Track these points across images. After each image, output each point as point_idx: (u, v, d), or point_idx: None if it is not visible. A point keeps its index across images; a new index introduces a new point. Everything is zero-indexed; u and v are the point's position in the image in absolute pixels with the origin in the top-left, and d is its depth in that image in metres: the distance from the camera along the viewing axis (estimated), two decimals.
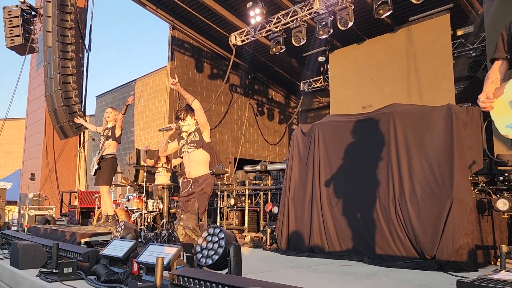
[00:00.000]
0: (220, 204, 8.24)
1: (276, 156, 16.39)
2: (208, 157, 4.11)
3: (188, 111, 4.10)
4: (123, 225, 4.57)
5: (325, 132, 5.60)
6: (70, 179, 11.52)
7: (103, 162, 6.12)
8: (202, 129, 4.05)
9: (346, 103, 11.29)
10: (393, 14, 9.25)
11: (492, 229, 4.50)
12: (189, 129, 4.10)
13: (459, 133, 4.45)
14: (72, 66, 9.45)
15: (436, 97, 9.23)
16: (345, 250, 5.00)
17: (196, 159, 4.03)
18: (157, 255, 2.85)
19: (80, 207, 8.83)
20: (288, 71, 15.40)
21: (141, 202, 7.39)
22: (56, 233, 5.94)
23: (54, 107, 9.33)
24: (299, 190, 5.71)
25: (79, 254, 3.84)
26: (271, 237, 6.28)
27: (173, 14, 13.11)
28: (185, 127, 4.11)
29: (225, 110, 14.81)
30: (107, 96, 17.48)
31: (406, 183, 4.58)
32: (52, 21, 9.34)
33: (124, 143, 15.67)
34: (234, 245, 2.77)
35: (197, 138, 4.03)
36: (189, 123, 4.09)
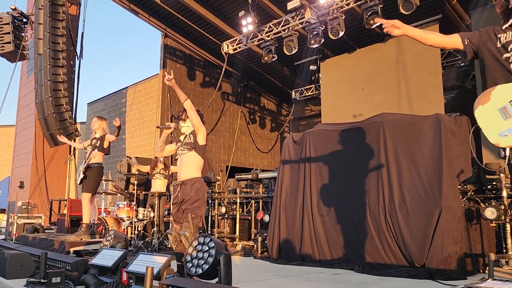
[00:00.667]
0: (211, 212, 8.22)
1: (268, 164, 16.41)
2: (200, 160, 3.95)
3: None
4: (112, 234, 4.54)
5: (316, 140, 5.64)
6: (59, 187, 11.41)
7: (89, 171, 6.09)
8: (196, 131, 3.92)
9: (337, 112, 11.37)
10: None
11: (481, 237, 4.54)
12: (188, 131, 4.01)
13: (448, 142, 4.50)
14: (63, 73, 9.40)
15: (425, 106, 9.33)
16: (336, 258, 5.01)
17: (187, 162, 3.91)
18: (146, 264, 2.84)
19: (70, 216, 8.74)
20: (280, 80, 15.48)
21: (131, 211, 7.35)
22: (44, 242, 5.88)
23: (44, 114, 9.27)
24: (290, 198, 5.72)
25: (68, 264, 3.80)
26: (262, 246, 6.28)
27: (165, 22, 13.15)
28: (184, 128, 4.02)
29: (217, 118, 14.83)
30: (99, 103, 17.40)
31: (396, 192, 4.62)
32: (43, 28, 9.30)
33: (115, 151, 15.59)
34: (224, 254, 2.77)
35: (191, 140, 3.92)
36: (189, 125, 3.99)
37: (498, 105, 2.50)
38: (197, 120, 3.88)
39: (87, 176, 6.08)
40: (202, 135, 3.93)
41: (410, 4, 7.87)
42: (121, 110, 15.85)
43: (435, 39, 2.77)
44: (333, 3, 9.01)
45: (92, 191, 6.06)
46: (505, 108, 2.47)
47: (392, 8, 8.92)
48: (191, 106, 3.85)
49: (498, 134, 2.46)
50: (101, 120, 6.42)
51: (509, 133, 2.43)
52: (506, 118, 2.46)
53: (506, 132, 2.44)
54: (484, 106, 2.54)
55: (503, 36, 2.64)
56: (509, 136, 2.42)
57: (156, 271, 2.86)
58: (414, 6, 7.86)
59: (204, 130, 3.95)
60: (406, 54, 10.26)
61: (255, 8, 10.24)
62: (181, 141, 4.03)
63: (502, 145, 2.47)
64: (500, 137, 2.45)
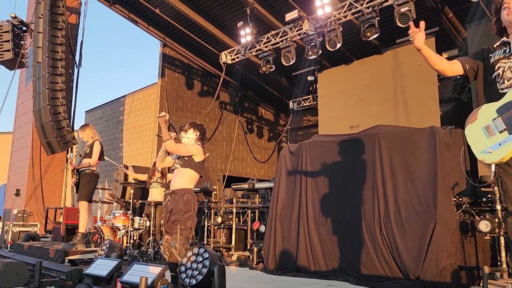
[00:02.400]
0: (207, 222, 8.20)
1: (265, 173, 16.41)
2: (195, 175, 4.00)
3: (193, 125, 4.11)
4: (108, 243, 4.53)
5: (312, 152, 5.67)
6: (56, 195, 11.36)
7: (81, 177, 6.06)
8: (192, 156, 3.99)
9: (334, 123, 11.42)
10: (380, 37, 9.47)
11: (475, 250, 4.55)
12: (187, 142, 4.05)
13: (443, 155, 4.53)
14: (61, 81, 9.43)
15: (422, 118, 9.39)
16: (331, 269, 5.01)
17: (182, 173, 3.96)
18: (141, 274, 2.84)
19: (66, 224, 8.71)
20: (278, 90, 15.56)
21: (127, 220, 7.33)
22: (39, 250, 5.86)
23: (41, 122, 9.28)
24: (286, 209, 5.73)
25: (62, 273, 3.80)
26: (258, 256, 6.27)
27: (164, 32, 13.24)
28: (185, 139, 4.06)
29: (215, 127, 14.86)
30: (97, 111, 17.43)
31: (391, 204, 4.64)
32: (42, 37, 9.35)
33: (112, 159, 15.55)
34: (218, 265, 2.78)
35: (186, 158, 3.97)
36: (189, 136, 4.05)
37: (483, 124, 2.63)
38: (186, 151, 3.94)
39: (80, 183, 6.06)
40: (199, 156, 3.98)
41: (407, 17, 7.96)
42: (119, 118, 15.87)
43: (442, 65, 2.85)
44: (331, 15, 9.11)
45: (87, 198, 6.02)
46: (488, 127, 2.60)
47: (389, 21, 9.03)
48: (173, 146, 3.86)
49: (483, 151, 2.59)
50: (83, 130, 6.35)
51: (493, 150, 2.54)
52: (489, 136, 2.58)
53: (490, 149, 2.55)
54: (472, 124, 2.68)
55: (493, 55, 2.72)
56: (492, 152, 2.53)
57: (150, 281, 2.86)
58: (410, 19, 7.94)
59: (198, 151, 3.99)
60: (402, 66, 10.35)
61: (254, 18, 10.34)
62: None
63: (486, 161, 2.59)
64: (485, 154, 2.56)
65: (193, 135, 4.06)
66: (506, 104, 2.54)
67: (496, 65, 2.67)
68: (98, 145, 6.19)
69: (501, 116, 2.55)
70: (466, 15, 9.48)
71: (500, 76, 2.64)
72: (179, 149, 3.92)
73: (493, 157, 2.54)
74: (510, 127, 2.50)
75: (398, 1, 8.05)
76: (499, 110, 2.57)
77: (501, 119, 2.55)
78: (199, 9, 11.69)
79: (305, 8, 9.83)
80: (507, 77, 2.61)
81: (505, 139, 2.50)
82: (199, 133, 4.09)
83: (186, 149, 3.94)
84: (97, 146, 6.15)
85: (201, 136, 4.11)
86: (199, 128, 4.11)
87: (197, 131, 4.08)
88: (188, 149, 3.95)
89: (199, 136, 4.10)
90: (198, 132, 4.08)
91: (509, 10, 2.66)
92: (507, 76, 2.61)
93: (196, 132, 4.07)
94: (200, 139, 4.10)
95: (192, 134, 4.06)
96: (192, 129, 4.07)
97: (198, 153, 3.98)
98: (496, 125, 2.56)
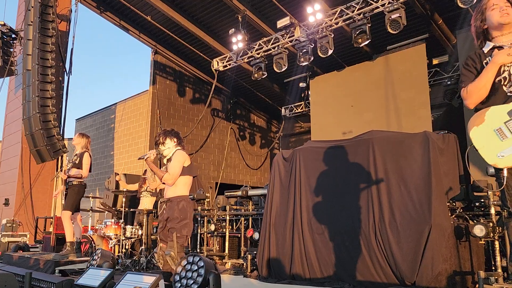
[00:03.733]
0: (200, 230, 8.12)
1: (257, 180, 16.37)
2: (187, 179, 4.02)
3: (167, 135, 4.09)
4: (99, 252, 4.45)
5: (306, 157, 5.64)
6: (46, 204, 11.20)
7: (69, 188, 6.00)
8: None
9: (326, 129, 11.45)
10: (372, 43, 9.54)
11: (470, 255, 4.55)
12: (170, 153, 4.05)
13: (436, 160, 4.54)
14: (51, 89, 9.33)
15: (414, 123, 9.45)
16: (326, 276, 4.96)
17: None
18: (134, 284, 2.78)
19: (56, 234, 8.56)
20: (270, 97, 15.58)
21: (119, 228, 7.23)
22: (29, 261, 5.74)
23: (31, 130, 9.16)
24: (280, 216, 5.69)
25: (53, 284, 3.71)
26: (252, 264, 6.20)
27: (155, 39, 13.22)
28: (166, 151, 4.06)
29: (207, 134, 14.82)
30: (87, 119, 17.29)
31: (386, 209, 4.62)
32: (32, 44, 9.27)
33: (103, 167, 15.43)
34: (214, 274, 2.73)
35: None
36: (170, 146, 4.07)
37: (493, 126, 2.53)
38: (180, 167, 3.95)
39: (68, 193, 5.99)
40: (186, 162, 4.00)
41: (397, 24, 8.03)
42: (110, 126, 15.75)
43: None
44: (322, 22, 9.16)
45: (70, 208, 5.93)
46: (500, 129, 2.51)
47: (380, 27, 9.10)
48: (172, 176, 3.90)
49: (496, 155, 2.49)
50: (81, 137, 6.31)
51: (506, 154, 2.46)
52: (502, 139, 2.50)
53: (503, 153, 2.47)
54: (479, 127, 2.57)
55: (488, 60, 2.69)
56: (506, 156, 2.46)
57: None
58: (401, 25, 8.02)
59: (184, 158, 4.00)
60: (394, 72, 10.43)
61: (245, 25, 10.37)
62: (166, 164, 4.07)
63: (499, 165, 2.49)
64: (497, 158, 2.48)
65: (171, 143, 4.09)
66: None
67: (501, 68, 2.64)
68: (88, 157, 6.13)
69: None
70: (455, 21, 9.59)
71: (508, 79, 2.60)
72: (177, 173, 3.93)
73: (508, 161, 2.47)
74: None
75: (389, 8, 8.12)
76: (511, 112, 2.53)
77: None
78: (191, 16, 11.69)
79: (297, 15, 9.88)
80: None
81: None
82: (176, 139, 4.12)
83: (179, 166, 3.95)
84: (87, 158, 6.09)
85: (178, 140, 4.15)
86: (173, 134, 4.13)
87: (173, 137, 4.11)
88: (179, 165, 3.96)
89: (177, 142, 4.13)
90: (174, 139, 4.11)
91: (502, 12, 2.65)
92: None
93: (172, 139, 4.10)
94: (179, 144, 4.14)
95: (170, 143, 4.09)
96: (168, 139, 4.09)
97: (184, 160, 4.01)
98: (509, 128, 2.52)
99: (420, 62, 10.02)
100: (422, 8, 9.43)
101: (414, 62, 10.11)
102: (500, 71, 2.62)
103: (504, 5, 2.64)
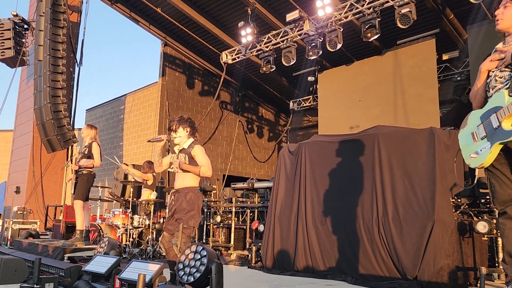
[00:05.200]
0: (206, 221, 8.22)
1: (265, 173, 16.43)
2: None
3: (181, 123, 3.96)
4: (107, 240, 4.55)
5: (312, 151, 5.68)
6: (56, 193, 11.38)
7: (79, 177, 6.12)
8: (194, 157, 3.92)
9: (334, 123, 11.44)
10: (381, 38, 9.48)
11: (473, 251, 4.57)
12: (181, 142, 3.96)
13: (441, 155, 4.55)
14: (62, 80, 9.45)
15: (421, 119, 9.41)
16: (329, 269, 5.03)
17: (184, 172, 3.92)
18: (139, 271, 2.86)
19: (65, 222, 8.72)
20: (278, 90, 15.58)
21: (126, 218, 7.35)
22: (38, 247, 5.87)
23: (42, 120, 9.30)
24: (285, 208, 5.75)
25: (61, 270, 3.82)
26: (256, 255, 6.29)
27: (165, 31, 13.26)
28: (177, 139, 3.96)
29: (215, 126, 14.88)
30: (97, 110, 17.45)
31: (389, 204, 4.65)
32: (44, 35, 9.37)
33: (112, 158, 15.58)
34: (216, 263, 2.79)
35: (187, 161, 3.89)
36: (181, 135, 3.95)
37: (470, 129, 2.73)
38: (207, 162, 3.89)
39: (78, 182, 6.11)
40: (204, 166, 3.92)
41: (407, 18, 7.97)
42: (120, 117, 15.90)
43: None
44: (332, 15, 9.13)
45: (82, 197, 6.06)
46: (474, 133, 2.70)
47: (390, 22, 9.04)
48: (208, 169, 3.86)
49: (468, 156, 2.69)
50: (90, 128, 6.41)
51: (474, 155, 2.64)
52: (473, 142, 2.68)
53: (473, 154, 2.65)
54: (463, 129, 2.79)
55: None
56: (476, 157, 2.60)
57: (148, 278, 2.88)
58: (411, 20, 7.96)
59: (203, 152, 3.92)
60: (403, 67, 10.37)
61: (254, 19, 10.36)
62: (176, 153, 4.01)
63: (471, 166, 2.68)
64: (470, 159, 2.64)
65: (183, 132, 3.97)
66: (487, 112, 2.63)
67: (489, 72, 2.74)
68: (97, 146, 6.25)
69: (483, 123, 2.65)
70: (467, 16, 9.48)
71: (488, 84, 2.72)
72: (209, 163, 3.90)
73: (475, 162, 2.64)
74: (488, 134, 2.58)
75: (399, 2, 8.06)
76: (482, 117, 2.66)
77: (483, 126, 2.64)
78: (200, 8, 11.71)
79: (306, 9, 9.85)
80: (492, 85, 2.71)
81: (484, 146, 2.59)
82: (189, 129, 3.99)
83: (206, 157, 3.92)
84: (96, 147, 6.21)
85: (191, 130, 4.01)
86: (187, 123, 3.99)
87: (187, 127, 3.97)
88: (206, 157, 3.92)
89: (190, 131, 4.00)
90: (188, 128, 3.98)
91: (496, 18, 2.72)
92: (492, 84, 2.70)
93: (186, 128, 3.97)
94: (191, 134, 4.01)
95: (183, 131, 3.96)
96: (181, 127, 3.96)
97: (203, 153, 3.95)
98: (479, 131, 2.65)
99: (430, 57, 9.94)
100: (433, 3, 9.34)
101: (423, 57, 10.03)
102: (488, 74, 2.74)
103: (502, 7, 2.71)
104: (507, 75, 2.61)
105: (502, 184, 2.66)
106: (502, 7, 2.72)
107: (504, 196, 2.65)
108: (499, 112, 2.52)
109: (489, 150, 2.55)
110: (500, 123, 2.51)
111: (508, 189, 2.64)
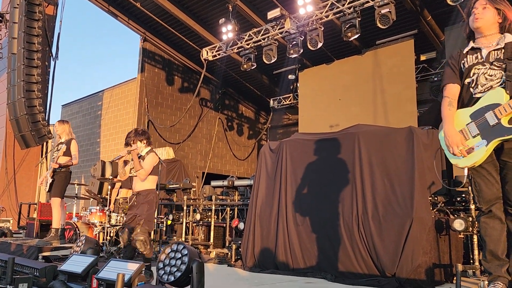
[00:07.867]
0: (186, 219, 8.15)
1: (244, 171, 16.41)
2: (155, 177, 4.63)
3: (137, 136, 4.54)
4: (83, 239, 4.44)
5: (293, 149, 5.68)
6: (30, 190, 11.09)
7: (56, 175, 5.97)
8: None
9: (314, 121, 11.50)
10: (361, 37, 9.58)
11: (449, 248, 4.66)
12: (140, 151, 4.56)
13: (420, 154, 4.61)
14: (37, 74, 9.19)
15: (400, 118, 9.55)
16: (309, 267, 5.04)
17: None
18: (118, 271, 2.79)
19: (39, 220, 8.50)
20: (259, 88, 15.57)
21: (104, 216, 7.21)
22: (12, 246, 5.70)
23: (16, 115, 9.03)
24: (266, 206, 5.73)
25: (36, 270, 3.70)
26: (236, 253, 6.26)
27: (145, 26, 13.07)
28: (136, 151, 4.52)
29: (195, 124, 14.77)
30: (73, 105, 17.07)
31: (369, 202, 4.70)
32: (18, 28, 9.10)
33: (89, 154, 15.31)
34: (197, 262, 2.76)
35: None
36: (139, 146, 4.56)
37: (458, 128, 2.68)
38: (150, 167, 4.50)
39: (55, 180, 5.95)
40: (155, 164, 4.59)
41: (387, 18, 8.07)
42: (97, 113, 15.59)
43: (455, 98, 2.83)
44: (313, 14, 9.16)
45: (60, 195, 5.92)
46: (462, 131, 2.67)
47: (370, 22, 9.13)
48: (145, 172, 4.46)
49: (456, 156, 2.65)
50: (63, 123, 6.26)
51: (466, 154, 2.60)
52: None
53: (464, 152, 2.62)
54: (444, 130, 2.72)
55: (465, 61, 2.78)
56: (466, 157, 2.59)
57: (127, 278, 2.81)
58: (390, 20, 8.06)
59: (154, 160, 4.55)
60: (382, 67, 10.50)
61: (236, 15, 10.31)
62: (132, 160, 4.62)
63: (460, 165, 2.66)
64: (458, 159, 2.62)
65: (141, 144, 4.57)
66: (480, 110, 2.62)
67: (471, 71, 2.73)
68: (76, 144, 6.10)
69: (474, 121, 2.63)
70: (444, 18, 9.68)
71: (474, 81, 2.70)
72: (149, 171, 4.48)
73: (467, 161, 2.63)
74: (483, 132, 2.58)
75: (379, 3, 8.15)
76: (473, 115, 2.65)
77: (475, 124, 2.63)
78: (181, 4, 11.58)
79: (287, 7, 9.86)
80: (481, 83, 2.68)
81: (478, 144, 2.57)
82: (145, 140, 4.60)
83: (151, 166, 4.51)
84: (74, 145, 6.06)
85: (147, 141, 4.62)
86: (142, 135, 4.59)
87: (143, 139, 4.58)
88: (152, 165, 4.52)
89: (146, 142, 4.61)
90: (144, 140, 4.59)
91: (475, 16, 2.72)
92: (481, 82, 2.68)
93: (142, 140, 4.57)
94: (148, 144, 4.63)
95: (140, 144, 4.56)
96: (138, 141, 4.55)
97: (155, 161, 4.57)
98: (470, 129, 2.63)
99: (408, 58, 10.11)
100: (411, 4, 9.49)
101: (402, 57, 10.19)
102: (470, 73, 2.73)
103: (481, 7, 2.70)
104: (498, 73, 2.62)
105: (487, 183, 2.67)
106: (481, 7, 2.72)
107: (490, 195, 2.66)
108: (497, 109, 2.52)
109: (485, 148, 2.54)
110: (499, 120, 2.51)
111: (493, 188, 2.66)
